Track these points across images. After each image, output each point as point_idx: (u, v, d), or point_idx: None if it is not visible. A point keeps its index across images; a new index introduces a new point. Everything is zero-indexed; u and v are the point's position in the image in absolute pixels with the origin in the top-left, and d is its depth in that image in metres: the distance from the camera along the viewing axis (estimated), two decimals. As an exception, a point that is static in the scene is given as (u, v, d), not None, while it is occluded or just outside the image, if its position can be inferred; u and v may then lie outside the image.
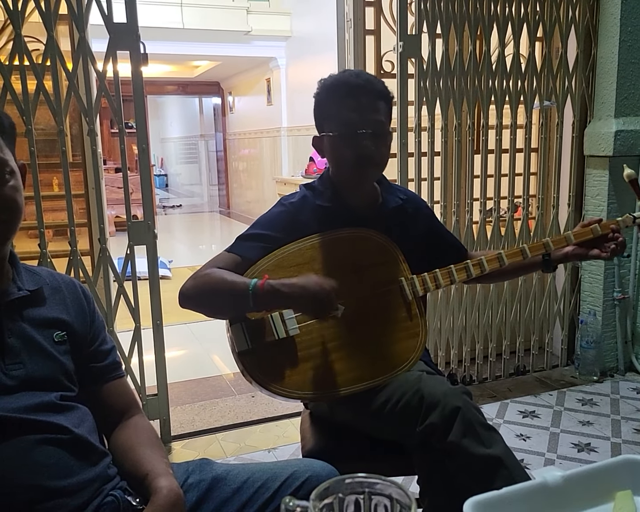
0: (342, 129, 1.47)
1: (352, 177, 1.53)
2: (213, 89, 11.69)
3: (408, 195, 1.68)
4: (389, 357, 1.48)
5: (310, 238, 1.50)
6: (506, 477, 1.25)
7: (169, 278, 5.78)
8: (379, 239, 1.54)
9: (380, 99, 1.49)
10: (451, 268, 1.56)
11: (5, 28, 2.30)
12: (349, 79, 1.49)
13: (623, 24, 2.92)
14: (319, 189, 1.58)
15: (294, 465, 1.19)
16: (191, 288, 1.44)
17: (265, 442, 2.62)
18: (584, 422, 2.71)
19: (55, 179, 3.07)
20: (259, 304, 1.37)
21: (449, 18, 2.78)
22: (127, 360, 2.49)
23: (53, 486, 1.02)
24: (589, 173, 3.16)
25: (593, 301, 3.23)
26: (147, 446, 1.17)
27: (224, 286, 1.40)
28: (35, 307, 1.13)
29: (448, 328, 3.06)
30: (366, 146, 1.46)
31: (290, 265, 1.47)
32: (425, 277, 1.54)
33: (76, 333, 1.17)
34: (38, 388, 1.07)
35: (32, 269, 1.18)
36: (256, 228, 1.53)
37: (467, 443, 1.27)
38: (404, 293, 1.52)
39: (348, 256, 1.52)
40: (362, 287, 1.50)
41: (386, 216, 1.59)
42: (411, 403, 1.35)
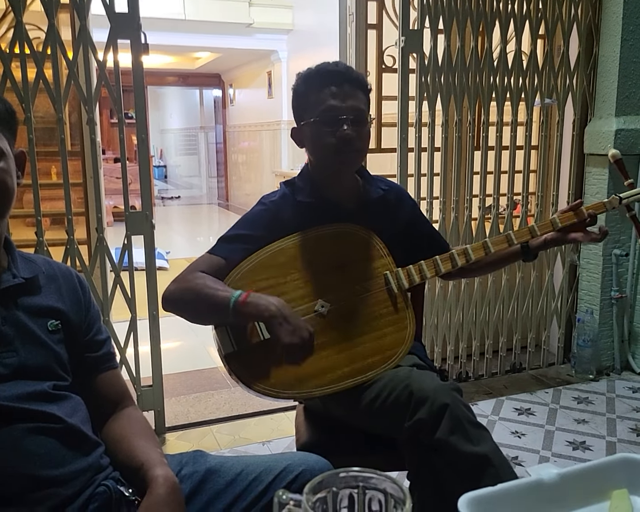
0: (324, 115, 1.46)
1: (333, 164, 1.52)
2: (214, 80, 11.66)
3: (390, 186, 1.67)
4: (377, 353, 1.48)
5: (292, 236, 1.50)
6: (493, 476, 1.25)
7: (166, 269, 5.78)
8: (362, 233, 1.54)
9: (359, 88, 1.50)
10: (436, 258, 1.55)
11: (7, 15, 2.29)
12: (328, 67, 1.49)
13: (625, 23, 2.91)
14: (299, 185, 1.58)
15: (288, 458, 1.19)
16: (173, 292, 1.45)
17: (259, 435, 2.62)
18: (579, 421, 2.71)
19: (54, 167, 3.07)
20: (239, 319, 1.38)
21: (452, 13, 2.77)
22: (122, 350, 2.49)
23: (45, 475, 1.01)
24: (588, 171, 3.15)
25: (591, 299, 3.23)
26: (140, 437, 1.17)
27: (205, 295, 1.41)
28: (30, 295, 1.12)
29: (445, 324, 3.05)
30: (347, 131, 1.45)
31: (273, 265, 1.47)
32: (410, 269, 1.54)
33: (71, 322, 1.16)
34: (31, 377, 1.06)
35: (28, 257, 1.18)
36: (238, 228, 1.52)
37: (455, 440, 1.27)
38: (390, 286, 1.52)
39: (331, 253, 1.52)
40: (347, 284, 1.50)
41: (368, 208, 1.58)
42: (400, 398, 1.35)
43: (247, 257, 1.47)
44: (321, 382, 1.44)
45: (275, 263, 1.47)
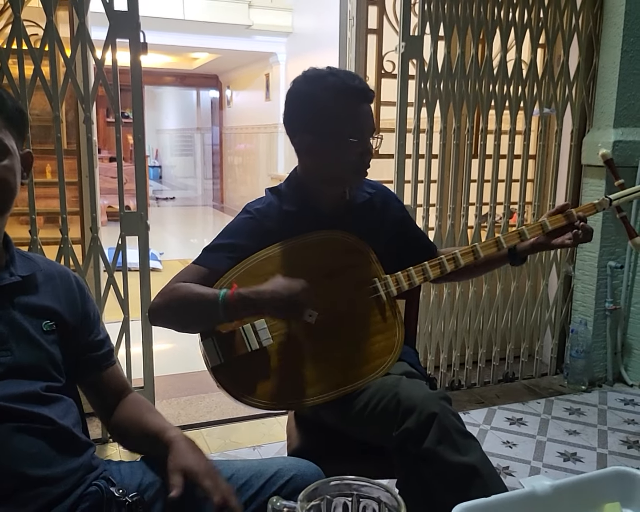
0: (359, 134, 1.46)
1: (350, 180, 1.53)
2: (211, 82, 11.65)
3: (376, 188, 1.66)
4: (366, 361, 1.47)
5: (278, 245, 1.48)
6: (481, 486, 1.24)
7: (159, 270, 5.76)
8: (349, 239, 1.52)
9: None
10: (425, 265, 1.54)
11: (5, 11, 2.28)
12: (358, 84, 1.47)
13: (626, 35, 2.92)
14: (285, 193, 1.56)
15: (279, 463, 1.18)
16: (159, 304, 1.43)
17: (250, 440, 2.60)
18: (570, 432, 2.71)
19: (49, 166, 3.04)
20: (229, 314, 1.35)
21: (452, 20, 2.77)
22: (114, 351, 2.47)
23: (35, 474, 1.01)
24: (585, 182, 3.15)
25: (585, 310, 3.23)
26: (148, 413, 1.22)
27: (192, 298, 1.39)
28: (26, 294, 1.11)
29: (438, 332, 3.05)
30: (370, 152, 1.50)
31: (260, 274, 1.44)
32: (399, 276, 1.52)
33: (66, 323, 1.15)
34: (24, 376, 1.06)
35: (26, 255, 1.17)
36: (222, 238, 1.51)
37: (442, 450, 1.25)
38: (379, 294, 1.51)
39: (318, 261, 1.50)
40: (334, 292, 1.48)
41: (354, 213, 1.57)
42: (388, 407, 1.34)
43: (232, 266, 1.45)
44: (310, 393, 1.43)
45: (262, 272, 1.45)
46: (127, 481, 1.14)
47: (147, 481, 1.14)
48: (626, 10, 2.89)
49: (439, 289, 2.99)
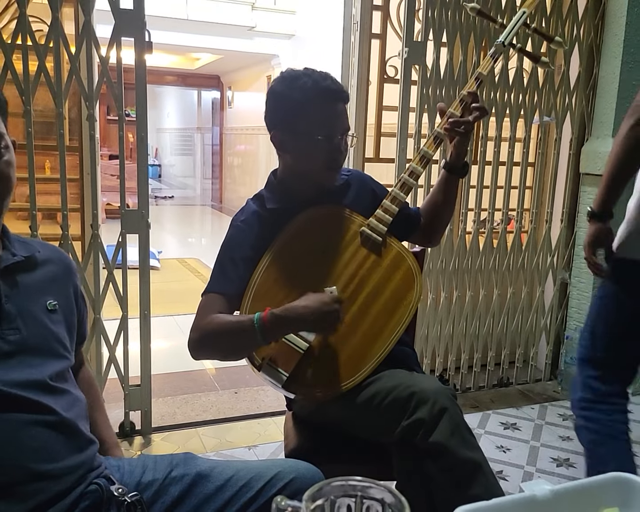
0: (328, 133, 1.50)
1: (324, 177, 1.56)
2: (213, 82, 11.66)
3: (351, 172, 1.72)
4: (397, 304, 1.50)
5: (268, 252, 1.51)
6: (484, 484, 1.27)
7: (157, 269, 5.76)
8: (324, 211, 1.57)
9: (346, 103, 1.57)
10: (392, 190, 1.57)
11: (10, 6, 2.28)
12: (329, 85, 1.50)
13: (626, 45, 2.94)
14: (266, 196, 1.60)
15: (279, 465, 1.19)
16: (199, 340, 1.44)
17: (245, 440, 2.61)
18: (564, 437, 2.72)
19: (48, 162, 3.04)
20: (267, 336, 1.36)
21: (456, 27, 2.79)
22: (112, 349, 2.48)
23: (37, 469, 1.01)
24: (583, 191, 3.17)
25: (580, 317, 3.24)
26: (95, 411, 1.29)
27: (228, 327, 1.42)
28: (29, 272, 1.14)
29: (435, 336, 3.06)
30: (340, 151, 1.52)
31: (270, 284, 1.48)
32: (378, 213, 1.55)
33: (65, 304, 1.18)
34: (33, 354, 1.07)
35: (22, 240, 1.19)
36: (223, 256, 1.54)
37: (454, 444, 1.28)
38: (372, 240, 1.54)
39: (309, 244, 1.54)
40: (336, 262, 1.52)
41: (333, 195, 1.61)
42: (401, 396, 1.35)
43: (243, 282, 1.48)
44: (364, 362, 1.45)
45: (269, 282, 1.49)
46: (127, 479, 1.15)
47: (146, 480, 1.14)
48: (627, 21, 2.92)
49: (436, 293, 3.00)
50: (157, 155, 16.41)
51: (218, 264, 1.53)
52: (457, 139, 1.58)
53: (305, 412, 1.64)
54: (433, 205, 1.73)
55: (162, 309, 4.22)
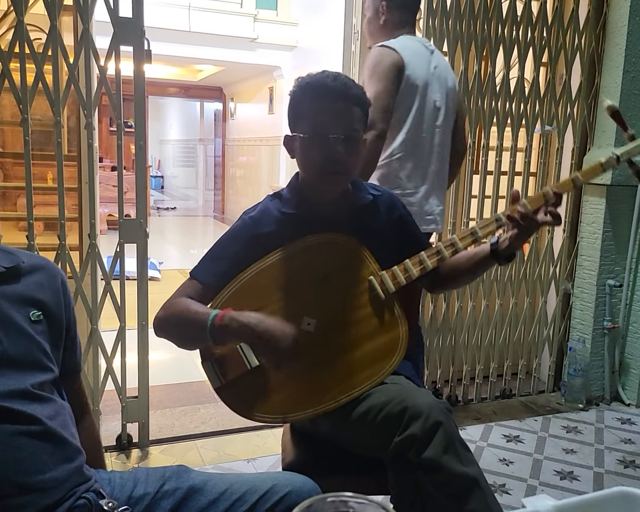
0: (314, 131, 1.42)
1: (319, 182, 1.48)
2: (215, 93, 11.69)
3: (381, 192, 1.61)
4: (371, 363, 1.43)
5: (271, 255, 1.45)
6: (481, 499, 1.23)
7: (158, 280, 5.74)
8: (341, 240, 1.48)
9: (355, 105, 1.44)
10: (421, 254, 1.48)
11: (8, 15, 2.28)
12: (325, 81, 1.43)
13: (628, 55, 2.93)
14: (285, 197, 1.54)
15: (274, 478, 1.16)
16: (161, 318, 1.43)
17: (244, 452, 2.58)
18: (567, 450, 2.69)
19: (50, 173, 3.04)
20: (215, 334, 1.32)
21: (456, 37, 2.78)
22: (109, 360, 2.45)
23: (23, 481, 0.98)
24: (585, 200, 3.15)
25: (583, 328, 3.22)
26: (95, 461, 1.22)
27: (187, 316, 1.38)
28: (11, 284, 1.11)
29: (437, 347, 3.03)
30: (336, 151, 1.40)
31: (255, 288, 1.43)
32: (395, 270, 1.46)
33: (52, 315, 1.15)
34: (15, 367, 1.04)
35: (7, 249, 1.16)
36: (217, 247, 1.50)
37: (447, 460, 1.24)
38: (376, 292, 1.46)
39: (313, 265, 1.47)
40: (332, 296, 1.45)
41: (356, 214, 1.53)
42: (393, 412, 1.31)
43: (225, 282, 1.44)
44: (314, 403, 1.40)
45: (256, 286, 1.43)
46: (118, 492, 1.12)
47: (138, 494, 1.12)
48: (628, 30, 2.91)
49: (437, 304, 2.98)
50: (159, 166, 16.46)
51: (210, 252, 1.49)
52: (517, 232, 1.43)
53: (303, 424, 1.61)
54: (456, 268, 1.60)
55: (162, 320, 4.18)
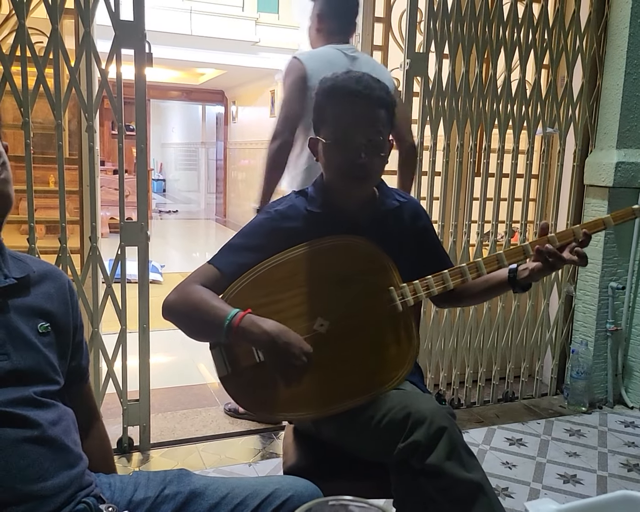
0: (336, 136, 1.40)
1: (343, 186, 1.46)
2: (217, 97, 11.71)
3: (407, 199, 1.59)
4: (377, 374, 1.43)
5: (293, 250, 1.43)
6: (486, 505, 1.23)
7: (159, 283, 5.74)
8: (366, 246, 1.45)
9: (380, 107, 1.41)
10: (444, 273, 1.46)
11: (10, 18, 2.28)
12: (349, 84, 1.39)
13: (629, 57, 2.92)
14: (311, 195, 1.52)
15: (276, 482, 1.15)
16: (173, 303, 1.41)
17: (246, 456, 2.57)
18: (570, 453, 2.67)
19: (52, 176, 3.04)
20: (232, 338, 1.31)
21: (457, 39, 2.77)
22: (110, 363, 2.44)
23: (25, 489, 0.97)
24: (588, 202, 3.15)
25: (585, 331, 3.20)
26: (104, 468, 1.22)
27: (203, 309, 1.36)
28: (21, 296, 1.09)
29: (439, 350, 3.02)
30: (359, 157, 1.39)
31: (271, 280, 1.41)
32: (417, 285, 1.44)
33: (59, 325, 1.13)
34: (22, 381, 1.03)
35: (17, 256, 1.14)
36: (240, 237, 1.48)
37: (450, 466, 1.24)
38: (394, 304, 1.44)
39: (333, 267, 1.45)
40: (348, 300, 1.43)
41: (381, 219, 1.52)
42: (397, 418, 1.31)
43: (244, 269, 1.41)
44: (318, 404, 1.40)
45: (273, 279, 1.41)
46: (118, 496, 1.11)
47: (138, 498, 1.11)
48: (630, 32, 2.90)
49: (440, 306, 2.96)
50: (161, 170, 16.47)
51: (231, 242, 1.47)
52: (540, 266, 1.44)
53: (306, 426, 1.60)
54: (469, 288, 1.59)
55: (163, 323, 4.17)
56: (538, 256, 1.42)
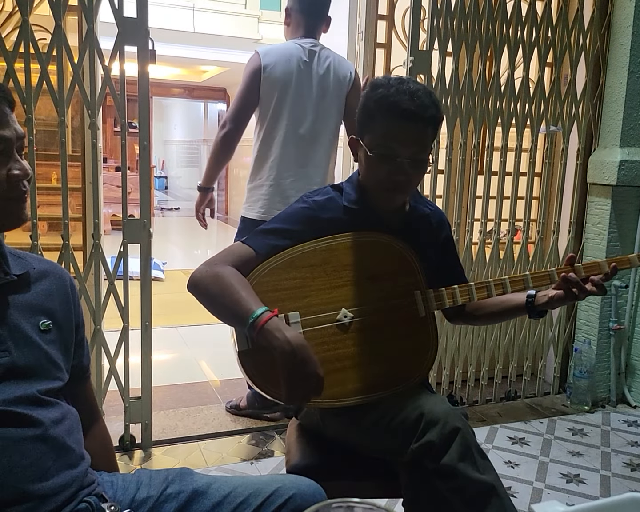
0: (382, 152, 1.41)
1: (378, 195, 1.48)
2: (219, 94, 11.70)
3: (434, 208, 1.63)
4: (393, 374, 1.43)
5: (326, 239, 1.44)
6: (498, 506, 1.23)
7: (161, 280, 5.74)
8: (398, 246, 1.48)
9: (428, 126, 1.41)
10: (470, 285, 1.50)
11: (13, 15, 2.28)
12: (402, 102, 1.37)
13: (633, 55, 2.92)
14: (346, 191, 1.53)
15: (278, 481, 1.14)
16: (200, 280, 1.39)
17: (247, 454, 2.57)
18: (573, 453, 2.67)
19: (55, 173, 3.04)
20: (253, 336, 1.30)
21: (461, 37, 2.77)
22: (112, 361, 2.44)
23: (27, 489, 0.97)
24: (591, 201, 3.14)
25: (588, 329, 3.20)
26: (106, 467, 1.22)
27: (230, 295, 1.33)
28: (21, 293, 1.09)
29: (441, 349, 3.02)
30: (401, 174, 1.40)
31: (303, 265, 1.42)
32: (442, 293, 1.49)
33: (61, 322, 1.13)
34: (23, 377, 1.03)
35: (17, 254, 1.14)
36: (275, 222, 1.48)
37: (464, 467, 1.24)
38: (418, 307, 1.47)
39: (364, 262, 1.46)
40: (375, 296, 1.45)
41: (411, 224, 1.55)
42: (410, 418, 1.31)
43: (274, 249, 1.42)
44: (330, 395, 1.38)
45: (304, 264, 1.42)
46: (120, 495, 1.11)
47: (140, 497, 1.11)
48: (633, 31, 2.90)
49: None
50: (163, 167, 16.47)
51: (269, 226, 1.47)
52: (562, 295, 1.46)
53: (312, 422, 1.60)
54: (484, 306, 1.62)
55: (166, 321, 4.19)
56: (563, 284, 1.46)
